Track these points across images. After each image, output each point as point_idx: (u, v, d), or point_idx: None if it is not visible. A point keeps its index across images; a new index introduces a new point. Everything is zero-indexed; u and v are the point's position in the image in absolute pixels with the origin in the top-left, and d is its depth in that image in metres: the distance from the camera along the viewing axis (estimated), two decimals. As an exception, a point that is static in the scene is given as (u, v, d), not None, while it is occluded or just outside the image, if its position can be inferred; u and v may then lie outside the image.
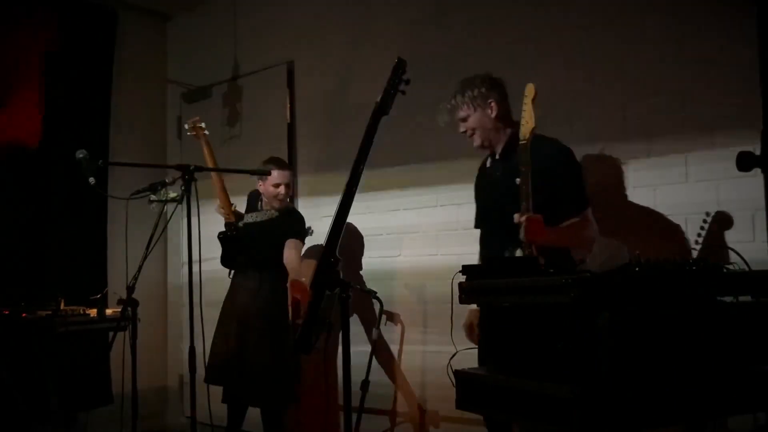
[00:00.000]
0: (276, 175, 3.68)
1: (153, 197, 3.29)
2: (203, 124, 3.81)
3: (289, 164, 3.95)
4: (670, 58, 2.94)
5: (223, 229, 3.74)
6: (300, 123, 4.48)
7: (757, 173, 1.72)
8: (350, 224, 3.98)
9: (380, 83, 2.21)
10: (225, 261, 3.80)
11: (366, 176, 2.19)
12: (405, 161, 3.87)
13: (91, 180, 2.97)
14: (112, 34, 4.98)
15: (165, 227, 3.43)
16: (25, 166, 4.32)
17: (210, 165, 3.71)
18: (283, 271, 3.63)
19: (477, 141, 2.81)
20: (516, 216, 2.43)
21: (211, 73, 5.04)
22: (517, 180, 2.66)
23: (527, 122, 2.47)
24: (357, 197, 2.13)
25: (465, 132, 2.82)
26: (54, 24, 4.46)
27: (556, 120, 3.24)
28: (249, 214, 3.87)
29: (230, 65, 4.90)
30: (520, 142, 2.45)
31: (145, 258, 3.11)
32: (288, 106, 4.51)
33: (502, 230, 2.73)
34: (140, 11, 5.24)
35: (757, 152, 1.70)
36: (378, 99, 2.20)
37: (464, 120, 2.79)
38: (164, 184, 3.26)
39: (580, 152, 3.15)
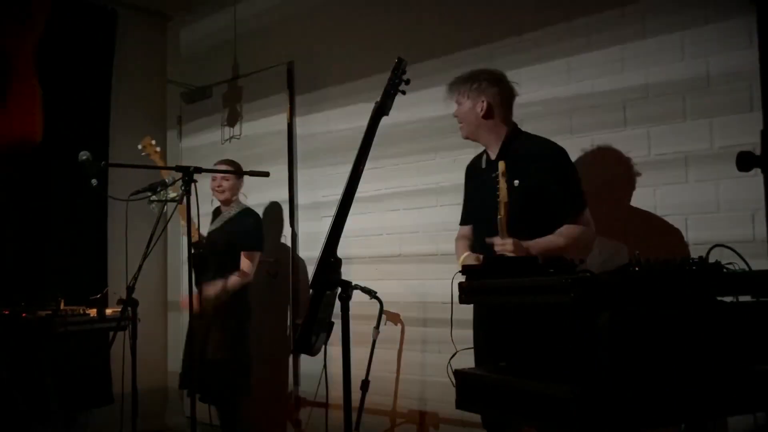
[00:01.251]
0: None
1: (153, 197, 3.29)
2: (154, 141, 3.90)
3: (234, 164, 4.00)
4: (669, 58, 2.94)
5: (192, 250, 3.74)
6: (300, 123, 4.48)
7: (757, 173, 1.71)
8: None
9: (380, 83, 2.22)
10: (199, 283, 3.81)
11: (366, 176, 2.19)
12: (405, 161, 3.88)
13: (94, 182, 2.98)
14: (112, 34, 4.97)
15: (165, 227, 3.43)
16: (25, 166, 4.33)
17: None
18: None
19: (463, 132, 2.85)
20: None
21: (211, 73, 5.03)
22: (516, 182, 2.66)
23: (504, 197, 2.48)
24: (357, 197, 2.13)
25: (456, 117, 2.85)
26: (52, 22, 4.46)
27: (557, 120, 3.25)
28: (212, 224, 3.98)
29: (230, 65, 4.90)
30: (499, 217, 2.46)
31: (145, 258, 3.11)
32: (288, 106, 4.51)
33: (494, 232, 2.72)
34: (140, 11, 5.24)
35: (757, 152, 1.69)
36: (378, 99, 2.21)
37: (458, 104, 2.83)
38: (164, 185, 3.26)
39: (580, 152, 3.16)
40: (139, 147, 3.87)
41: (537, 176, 2.64)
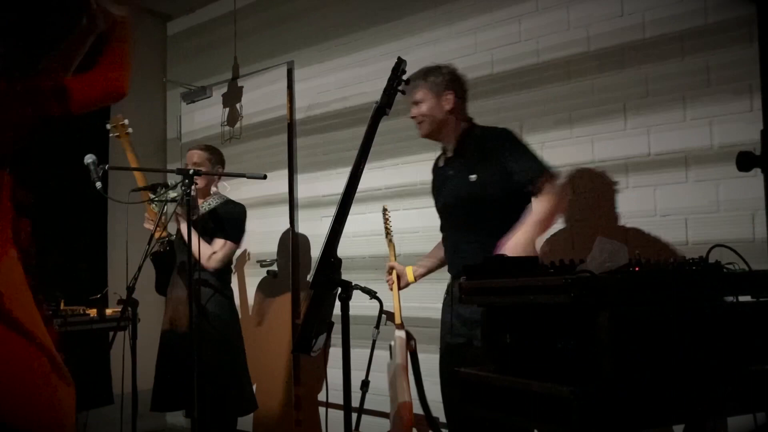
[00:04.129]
0: (187, 155, 3.64)
1: (153, 197, 3.29)
2: (126, 121, 3.65)
3: (210, 150, 3.69)
4: (670, 58, 2.94)
5: (155, 248, 3.53)
6: (300, 123, 4.49)
7: (757, 173, 1.72)
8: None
9: (380, 83, 2.22)
10: (160, 286, 3.66)
11: (366, 176, 2.19)
12: (405, 160, 3.88)
13: (98, 185, 2.97)
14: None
15: (165, 227, 3.43)
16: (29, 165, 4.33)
17: (134, 167, 3.58)
18: (221, 272, 3.53)
19: (424, 129, 2.78)
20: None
21: (211, 73, 5.04)
22: (472, 177, 2.66)
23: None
24: (357, 197, 2.13)
25: (414, 118, 2.79)
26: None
27: (556, 120, 3.25)
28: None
29: (230, 65, 4.90)
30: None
31: (145, 258, 3.12)
32: (288, 106, 4.51)
33: (460, 229, 2.75)
34: (140, 11, 5.24)
35: (757, 152, 1.69)
36: (378, 99, 2.21)
37: (417, 103, 2.76)
38: (165, 186, 3.25)
39: (581, 153, 3.16)
40: (108, 126, 3.66)
41: (490, 164, 2.64)
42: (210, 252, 3.44)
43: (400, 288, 3.44)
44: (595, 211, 3.10)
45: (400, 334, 3.38)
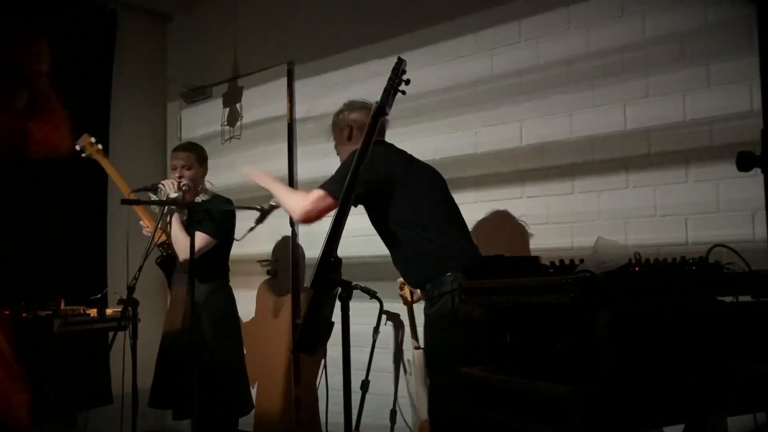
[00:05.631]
0: (172, 156, 3.59)
1: (153, 197, 3.29)
2: (93, 139, 3.58)
3: (196, 149, 3.64)
4: (670, 58, 2.94)
5: (159, 253, 3.55)
6: (300, 122, 4.48)
7: (757, 173, 1.72)
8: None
9: (380, 82, 2.22)
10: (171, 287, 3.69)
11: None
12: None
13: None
14: (112, 34, 4.97)
15: (166, 227, 3.43)
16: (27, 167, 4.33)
17: (116, 180, 3.53)
18: (217, 271, 3.53)
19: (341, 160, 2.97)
20: None
21: (211, 73, 5.04)
22: None
23: None
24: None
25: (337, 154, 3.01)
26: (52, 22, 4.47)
27: (556, 120, 3.25)
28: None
29: (230, 65, 4.90)
30: None
31: (145, 258, 3.11)
32: (288, 106, 4.51)
33: None
34: (140, 11, 5.24)
35: (757, 152, 1.70)
36: (377, 99, 2.21)
37: (334, 139, 3.06)
38: (154, 191, 3.25)
39: (580, 152, 3.16)
40: (78, 147, 3.54)
41: None
42: (185, 244, 3.30)
43: (414, 302, 3.39)
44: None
45: (419, 353, 3.33)
